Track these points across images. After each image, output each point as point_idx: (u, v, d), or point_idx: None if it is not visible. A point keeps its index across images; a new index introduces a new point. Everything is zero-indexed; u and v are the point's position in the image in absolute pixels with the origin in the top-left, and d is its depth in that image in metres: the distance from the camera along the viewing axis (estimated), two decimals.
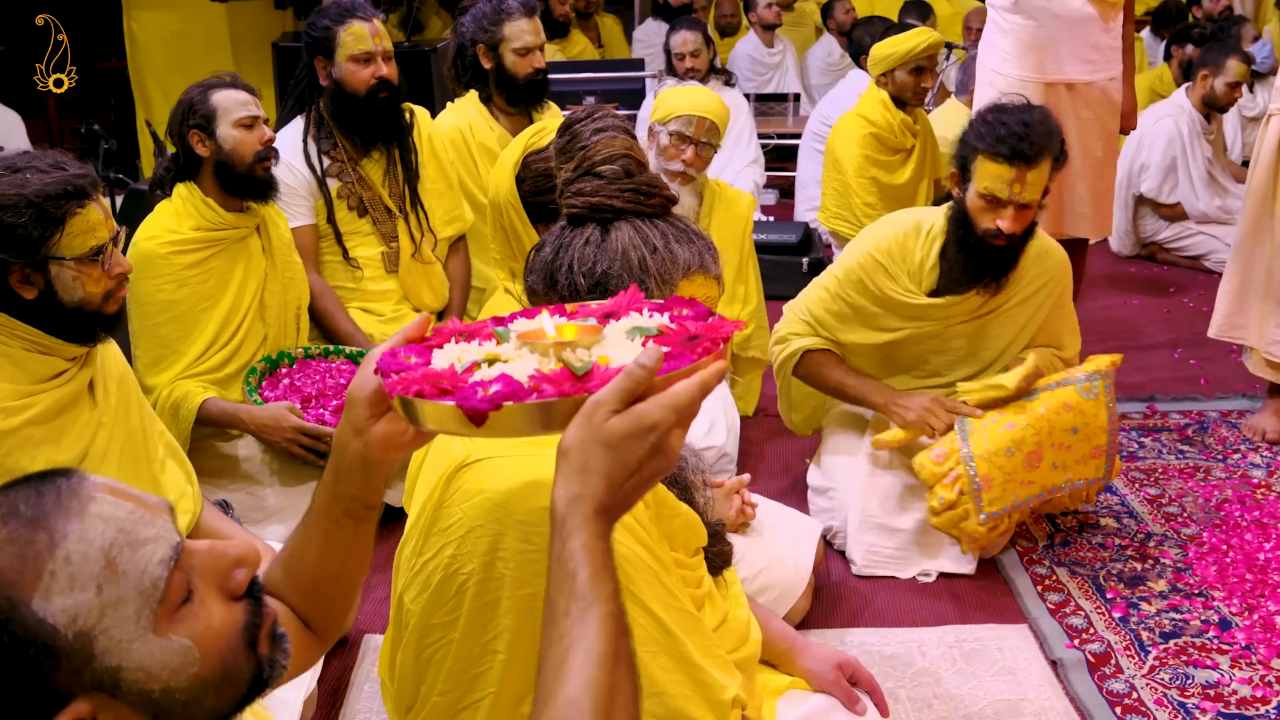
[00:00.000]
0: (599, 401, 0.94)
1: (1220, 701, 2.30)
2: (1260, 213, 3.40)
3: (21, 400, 2.07)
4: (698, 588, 1.62)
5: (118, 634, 0.87)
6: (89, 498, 0.90)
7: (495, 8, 3.59)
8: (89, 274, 2.06)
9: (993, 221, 2.62)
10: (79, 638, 0.86)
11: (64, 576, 0.86)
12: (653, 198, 1.44)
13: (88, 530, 0.88)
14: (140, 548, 0.90)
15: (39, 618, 0.85)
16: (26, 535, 0.87)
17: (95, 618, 0.86)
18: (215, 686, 0.93)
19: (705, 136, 3.13)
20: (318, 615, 1.25)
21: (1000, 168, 2.57)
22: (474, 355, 1.06)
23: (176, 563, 0.92)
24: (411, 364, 1.06)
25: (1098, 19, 3.38)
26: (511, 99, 3.64)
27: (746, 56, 7.55)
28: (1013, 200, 2.59)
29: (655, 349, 0.97)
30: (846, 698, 1.88)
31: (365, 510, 1.18)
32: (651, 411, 0.94)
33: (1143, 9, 7.53)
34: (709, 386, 0.96)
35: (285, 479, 2.94)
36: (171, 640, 0.90)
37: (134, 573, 0.89)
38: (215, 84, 2.89)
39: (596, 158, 1.46)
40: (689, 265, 1.44)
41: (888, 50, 4.42)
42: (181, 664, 0.90)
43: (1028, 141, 2.55)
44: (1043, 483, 2.71)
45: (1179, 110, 5.39)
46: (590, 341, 1.04)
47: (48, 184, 1.99)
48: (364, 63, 3.25)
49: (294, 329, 3.11)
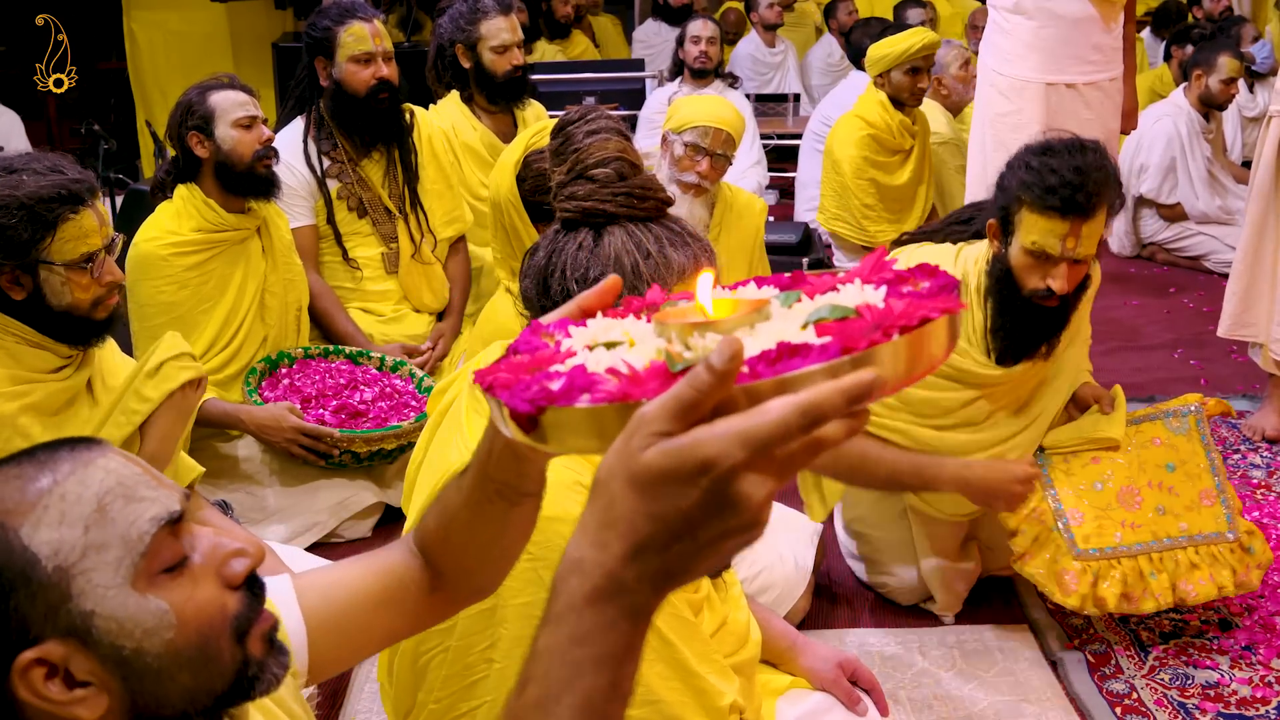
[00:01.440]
0: (644, 418, 0.66)
1: (1220, 701, 2.30)
2: (1264, 213, 3.41)
3: (19, 387, 2.07)
4: (696, 592, 1.61)
5: (96, 578, 0.88)
6: (101, 453, 0.93)
7: (471, 7, 3.59)
8: (77, 280, 2.05)
9: (1042, 281, 2.25)
10: (58, 572, 0.87)
11: (55, 511, 0.89)
12: (646, 201, 1.43)
13: (89, 475, 0.91)
14: (135, 502, 0.91)
15: (23, 544, 0.87)
16: (33, 473, 0.90)
17: (76, 556, 0.88)
18: (191, 663, 0.91)
19: (721, 149, 3.06)
20: (464, 575, 1.12)
21: (1052, 222, 2.20)
22: (613, 334, 0.81)
23: (171, 528, 0.93)
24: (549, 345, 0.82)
25: (1099, 19, 3.37)
26: (492, 97, 3.65)
27: (748, 56, 7.55)
28: (1065, 256, 2.22)
29: (733, 341, 0.65)
30: (847, 696, 1.88)
31: (520, 496, 0.98)
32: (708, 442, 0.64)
33: (1143, 9, 7.52)
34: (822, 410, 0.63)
35: (285, 479, 2.94)
36: (148, 599, 0.90)
37: (123, 522, 0.90)
38: (212, 85, 2.89)
39: (589, 160, 1.44)
40: (683, 269, 1.43)
41: (884, 51, 4.41)
42: (156, 626, 0.90)
43: (1084, 192, 2.18)
44: (1152, 528, 2.39)
45: (1177, 110, 5.39)
46: (740, 323, 0.73)
47: (42, 187, 1.98)
48: (364, 63, 3.25)
49: (294, 330, 3.11)
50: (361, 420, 2.96)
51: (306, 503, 2.93)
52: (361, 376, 3.11)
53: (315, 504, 2.94)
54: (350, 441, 2.86)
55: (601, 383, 0.71)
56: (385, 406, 3.01)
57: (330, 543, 2.95)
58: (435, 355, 3.35)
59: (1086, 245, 2.23)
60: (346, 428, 2.90)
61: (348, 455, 2.89)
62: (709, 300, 0.77)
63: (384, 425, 2.93)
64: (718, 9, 8.76)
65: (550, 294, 1.44)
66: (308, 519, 2.92)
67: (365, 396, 3.03)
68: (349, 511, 2.97)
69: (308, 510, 2.93)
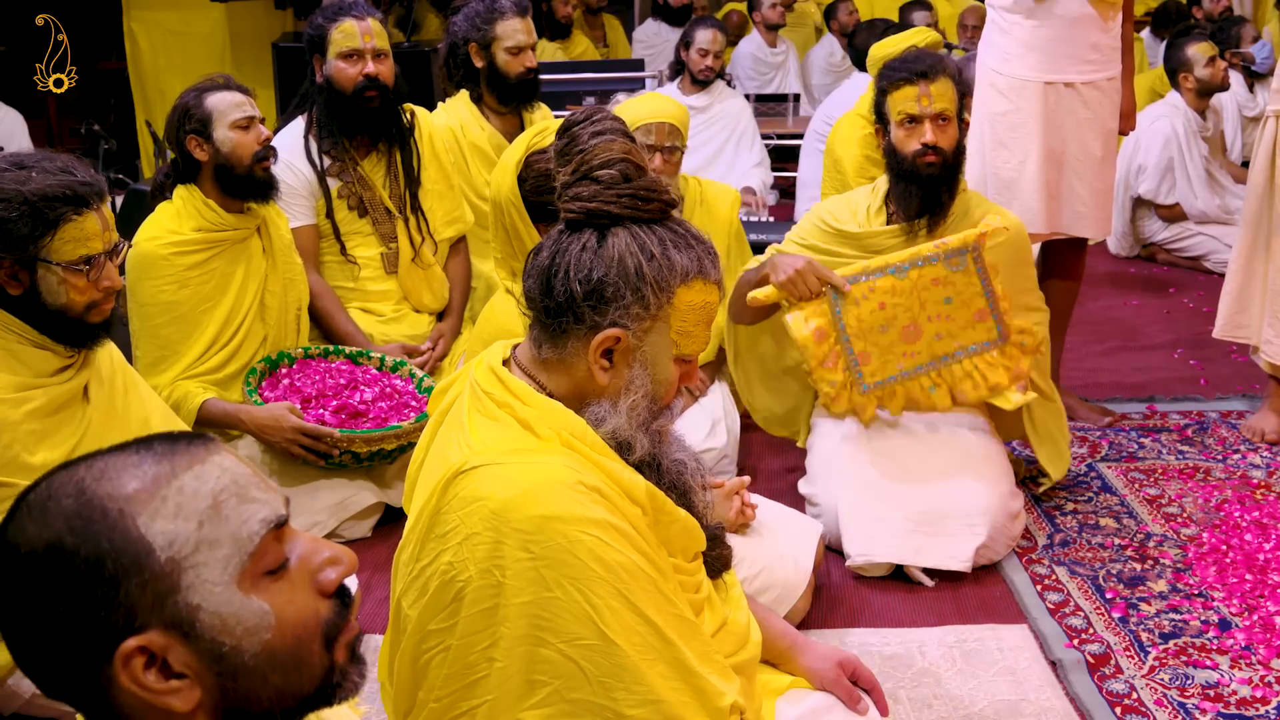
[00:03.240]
0: None
1: (1220, 702, 2.30)
2: (1260, 213, 3.42)
3: (22, 393, 2.07)
4: (696, 593, 1.61)
5: (206, 573, 0.91)
6: (215, 450, 0.96)
7: (488, 7, 3.59)
8: (74, 282, 2.05)
9: (918, 141, 2.80)
10: (170, 563, 0.90)
11: (173, 504, 0.91)
12: (651, 202, 1.44)
13: (206, 471, 0.94)
14: (247, 503, 0.94)
15: (140, 533, 0.90)
16: (152, 464, 0.93)
17: (189, 549, 0.91)
18: (284, 665, 0.94)
19: (669, 140, 3.11)
20: None
21: (904, 90, 2.81)
22: None
23: (277, 532, 0.95)
24: None
25: (1097, 19, 3.37)
26: (503, 98, 3.65)
27: (749, 56, 7.55)
28: (925, 114, 2.79)
29: None
30: (847, 696, 1.88)
31: None
32: None
33: (1143, 9, 7.53)
34: None
35: (285, 479, 2.94)
36: (252, 600, 0.92)
37: (235, 521, 0.93)
38: (209, 87, 2.89)
39: (594, 162, 1.44)
40: (687, 272, 1.44)
41: (885, 50, 4.41)
42: (257, 626, 0.92)
43: (920, 61, 2.83)
44: (930, 352, 2.81)
45: (1174, 110, 5.39)
46: None
47: (49, 185, 1.99)
48: (351, 60, 3.25)
49: (294, 330, 3.12)
50: (361, 420, 2.96)
51: (306, 503, 2.93)
52: (361, 376, 3.11)
53: (315, 504, 2.94)
54: (350, 441, 2.86)
55: None
56: (385, 407, 3.01)
57: None
58: (435, 355, 3.35)
59: (940, 101, 2.80)
60: (346, 428, 2.90)
61: (348, 455, 2.89)
62: None
63: (384, 425, 2.93)
64: (718, 9, 8.76)
65: (553, 294, 1.44)
66: (308, 519, 2.92)
67: (365, 396, 3.03)
68: (349, 511, 2.97)
69: (308, 510, 2.93)
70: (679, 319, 1.45)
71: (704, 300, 1.46)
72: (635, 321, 1.43)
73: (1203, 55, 5.27)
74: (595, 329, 1.43)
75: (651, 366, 1.46)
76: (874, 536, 2.78)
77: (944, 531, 2.78)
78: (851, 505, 2.82)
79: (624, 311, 1.43)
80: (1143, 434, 3.59)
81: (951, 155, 2.84)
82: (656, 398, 1.48)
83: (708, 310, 1.48)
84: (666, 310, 1.44)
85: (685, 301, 1.44)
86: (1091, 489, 3.22)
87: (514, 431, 1.45)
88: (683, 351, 1.47)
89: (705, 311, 1.48)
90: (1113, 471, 3.33)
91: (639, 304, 1.43)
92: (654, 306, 1.43)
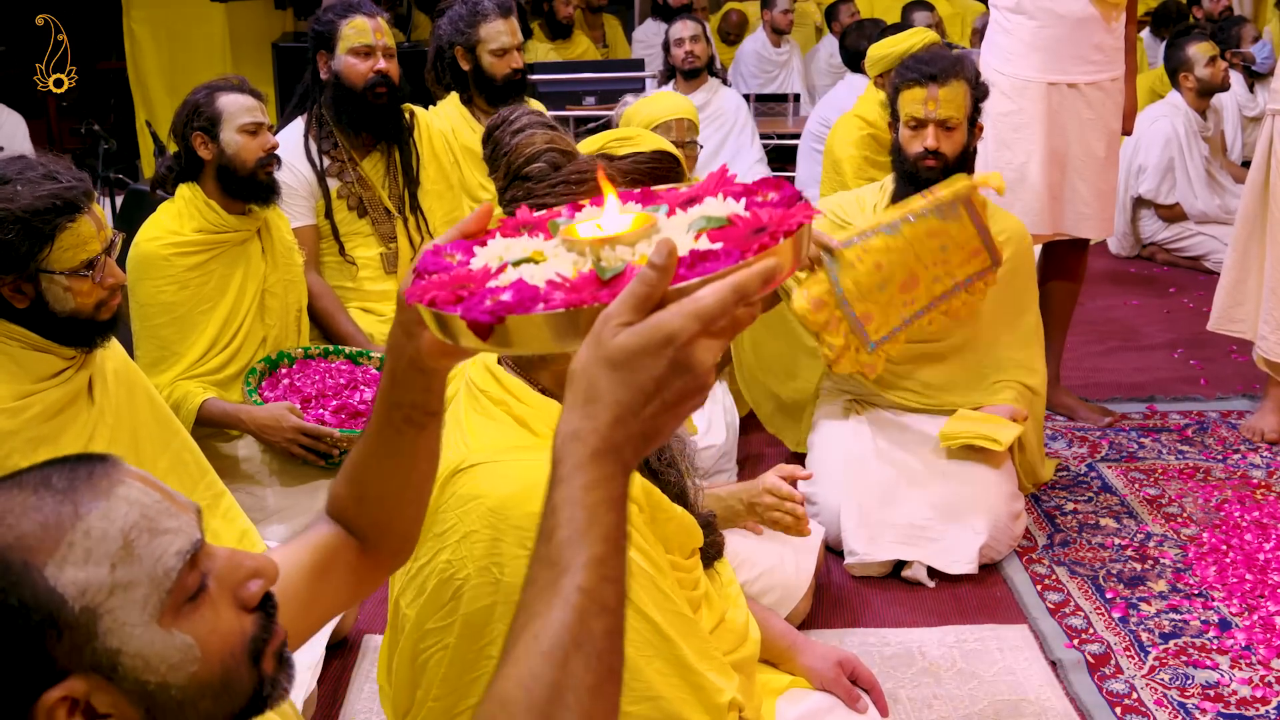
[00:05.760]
0: (608, 315, 0.79)
1: (1220, 702, 2.30)
2: (1256, 209, 3.42)
3: (21, 401, 2.07)
4: (694, 589, 1.61)
5: (123, 616, 0.88)
6: (119, 480, 0.91)
7: (471, 10, 3.59)
8: (78, 287, 2.04)
9: (921, 144, 2.83)
10: (85, 613, 0.86)
11: (81, 549, 0.87)
12: (584, 184, 1.41)
13: (112, 509, 0.89)
14: (159, 536, 0.90)
15: (49, 585, 0.86)
16: (53, 505, 0.88)
17: (104, 596, 0.87)
18: (213, 692, 0.92)
19: (688, 136, 3.15)
20: (384, 530, 1.19)
21: (913, 91, 2.83)
22: (516, 253, 0.91)
23: (193, 559, 0.92)
24: (454, 264, 0.93)
25: (1100, 19, 3.37)
26: (491, 99, 3.65)
27: (754, 54, 7.54)
28: (929, 118, 2.81)
29: (667, 242, 0.80)
30: (847, 695, 1.88)
31: (426, 417, 1.07)
32: (668, 320, 0.78)
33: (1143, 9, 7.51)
34: (747, 290, 0.79)
35: (285, 479, 2.94)
36: (174, 635, 0.90)
37: (149, 559, 0.89)
38: (222, 86, 2.89)
39: (519, 160, 1.43)
40: None
41: (885, 50, 4.41)
42: (181, 660, 0.90)
43: (933, 63, 2.84)
44: (929, 292, 2.84)
45: (1174, 110, 5.39)
46: (639, 237, 0.87)
47: (38, 198, 1.96)
48: (363, 56, 3.26)
49: (294, 330, 3.11)
50: (361, 420, 2.96)
51: (306, 503, 2.93)
52: (361, 376, 3.11)
53: (315, 504, 2.94)
54: (350, 441, 2.86)
55: (546, 293, 0.83)
56: None
57: None
58: None
59: (947, 107, 2.81)
60: (346, 428, 2.90)
61: (348, 455, 2.88)
62: (608, 218, 0.90)
63: None
64: (718, 9, 8.76)
65: None
66: (308, 519, 2.90)
67: (365, 396, 3.02)
68: None
69: (308, 510, 2.92)
70: None
71: None
72: None
73: (1203, 55, 5.27)
74: None
75: None
76: (875, 537, 2.77)
77: (946, 532, 2.78)
78: (852, 505, 2.82)
79: None
80: (1143, 434, 3.59)
81: (954, 160, 2.86)
82: None
83: None
84: None
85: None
86: (1091, 489, 3.22)
87: (510, 429, 1.44)
88: None
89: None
90: (1113, 471, 3.33)
91: None
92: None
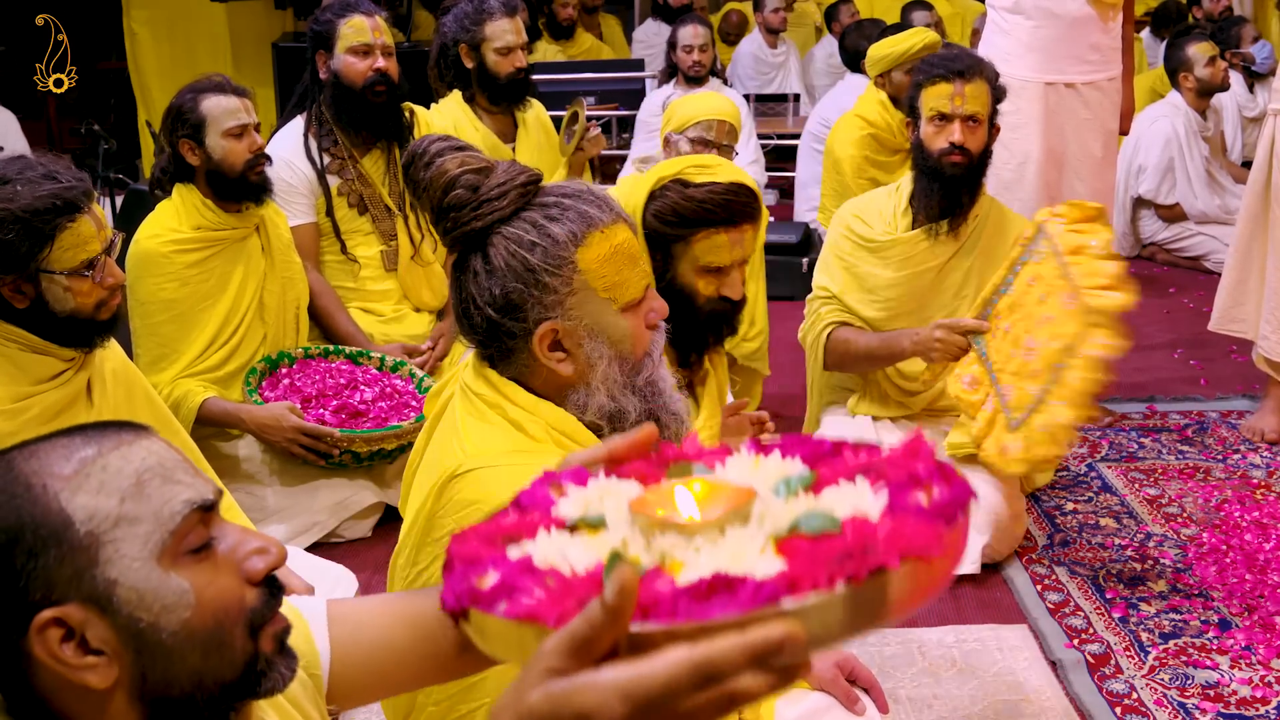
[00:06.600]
0: (543, 651, 0.66)
1: (1220, 701, 2.30)
2: (1258, 209, 3.42)
3: (20, 403, 2.07)
4: None
5: (125, 549, 0.91)
6: (147, 436, 0.97)
7: (477, 7, 3.59)
8: (79, 287, 2.04)
9: (946, 140, 2.81)
10: (89, 537, 0.90)
11: (96, 480, 0.91)
12: (505, 197, 1.39)
13: (133, 452, 0.94)
14: (171, 484, 0.94)
15: (60, 506, 0.90)
16: (79, 444, 0.93)
17: (109, 525, 0.91)
18: (203, 646, 0.93)
19: (726, 139, 3.14)
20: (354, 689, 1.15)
21: (939, 87, 2.81)
22: (595, 509, 0.79)
23: (204, 515, 0.95)
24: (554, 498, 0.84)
25: (1097, 19, 3.38)
26: (494, 98, 3.65)
27: (750, 55, 7.54)
28: (956, 113, 2.80)
29: (625, 572, 0.62)
30: (845, 696, 1.88)
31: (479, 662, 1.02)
32: (588, 692, 0.62)
33: (1143, 9, 7.52)
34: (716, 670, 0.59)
35: (285, 479, 2.94)
36: (171, 577, 0.92)
37: (158, 499, 0.93)
38: (205, 88, 2.88)
39: (438, 193, 1.41)
40: (574, 235, 1.38)
41: (885, 50, 4.42)
42: (175, 603, 0.92)
43: (959, 60, 2.84)
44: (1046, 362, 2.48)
45: (1174, 110, 5.39)
46: (711, 526, 0.69)
47: (38, 198, 1.96)
48: (362, 54, 3.26)
49: (293, 329, 3.12)
50: (362, 420, 2.96)
51: (306, 503, 2.93)
52: (361, 376, 3.11)
53: (315, 504, 2.94)
54: (350, 441, 2.86)
55: (527, 590, 0.69)
56: (385, 406, 3.01)
57: (330, 543, 2.95)
58: (435, 355, 3.35)
59: (973, 103, 2.79)
60: (347, 428, 2.90)
61: (348, 455, 2.89)
62: (687, 494, 0.71)
63: (384, 425, 2.93)
64: (718, 9, 8.76)
65: (476, 328, 1.42)
66: (308, 519, 2.92)
67: (365, 396, 3.03)
68: (349, 511, 2.97)
69: (308, 510, 2.93)
70: (596, 278, 1.40)
71: (610, 247, 1.40)
72: (557, 307, 1.39)
73: (1203, 55, 5.28)
74: (528, 335, 1.40)
75: (602, 333, 1.42)
76: None
77: None
78: None
79: (541, 306, 1.39)
80: (1143, 434, 3.59)
81: (977, 157, 2.85)
82: (625, 355, 1.44)
83: (620, 253, 1.41)
84: (579, 279, 1.39)
85: (591, 259, 1.39)
86: (1091, 489, 3.22)
87: (506, 433, 1.43)
88: (623, 301, 1.42)
89: (619, 256, 1.41)
90: (1113, 471, 3.33)
91: (548, 293, 1.39)
92: (563, 285, 1.39)
